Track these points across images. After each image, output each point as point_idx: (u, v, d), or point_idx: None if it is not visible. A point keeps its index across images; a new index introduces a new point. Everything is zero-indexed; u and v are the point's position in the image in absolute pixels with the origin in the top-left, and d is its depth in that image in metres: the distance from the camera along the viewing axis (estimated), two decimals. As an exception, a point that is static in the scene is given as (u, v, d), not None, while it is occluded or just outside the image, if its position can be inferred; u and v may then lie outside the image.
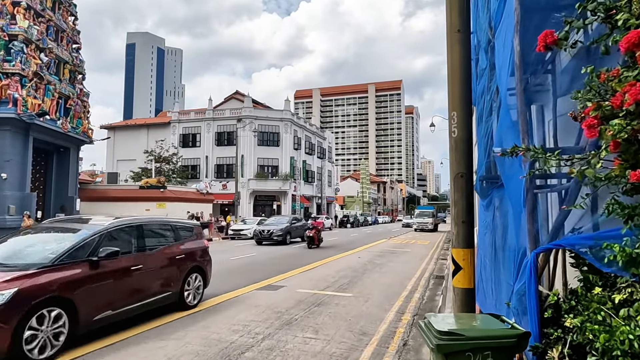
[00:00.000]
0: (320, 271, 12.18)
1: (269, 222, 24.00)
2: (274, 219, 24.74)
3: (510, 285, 3.36)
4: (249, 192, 41.99)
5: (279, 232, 21.59)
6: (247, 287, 9.45)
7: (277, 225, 22.36)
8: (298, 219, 24.88)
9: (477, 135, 6.67)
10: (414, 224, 39.84)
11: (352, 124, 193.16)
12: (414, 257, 16.51)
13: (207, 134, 43.90)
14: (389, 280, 10.86)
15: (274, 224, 22.92)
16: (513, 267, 3.26)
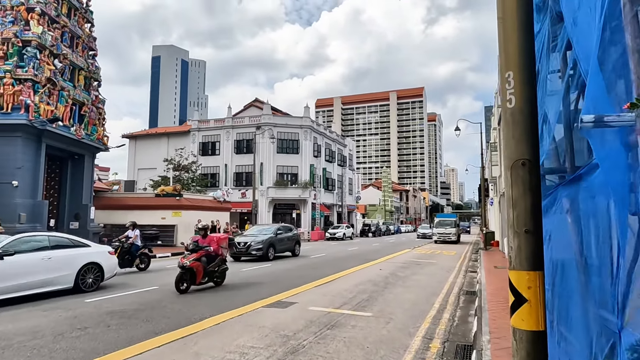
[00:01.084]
0: (337, 285, 11.11)
1: (249, 232, 20.23)
2: (257, 228, 20.66)
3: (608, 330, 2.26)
4: (268, 200, 41.27)
5: (257, 246, 17.39)
6: (253, 303, 8.47)
7: (256, 237, 18.22)
8: (287, 229, 20.51)
9: None
10: (434, 235, 34.54)
11: (374, 131, 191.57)
12: (441, 270, 15.22)
13: (227, 142, 43.56)
14: (414, 296, 9.69)
15: (253, 234, 18.90)
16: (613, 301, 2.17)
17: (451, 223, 34.91)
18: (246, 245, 17.43)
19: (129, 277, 12.36)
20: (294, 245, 19.82)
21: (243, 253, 17.40)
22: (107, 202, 25.28)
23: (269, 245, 17.73)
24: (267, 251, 17.44)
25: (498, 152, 24.26)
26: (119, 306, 8.03)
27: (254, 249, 17.29)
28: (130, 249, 13.30)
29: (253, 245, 17.37)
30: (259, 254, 17.25)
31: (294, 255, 19.61)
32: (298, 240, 20.19)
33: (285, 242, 19.30)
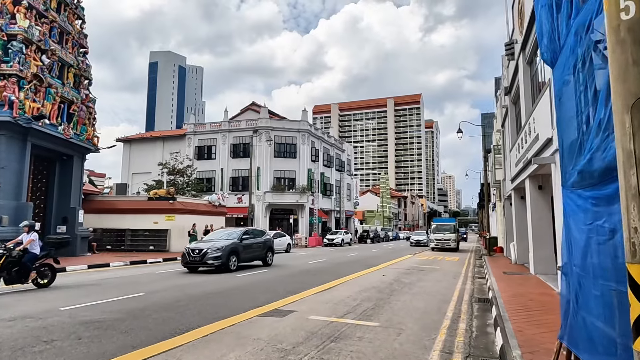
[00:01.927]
0: (339, 291, 10.28)
1: (209, 236, 16.96)
2: (218, 232, 17.31)
3: None
4: (265, 205, 40.41)
5: (215, 253, 14.25)
6: (248, 311, 7.63)
7: (216, 242, 15.02)
8: (256, 233, 17.29)
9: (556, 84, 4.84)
10: (431, 242, 31.03)
11: (371, 138, 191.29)
12: (446, 276, 14.41)
13: (223, 145, 42.76)
14: (423, 304, 8.87)
15: (213, 239, 15.73)
16: None
17: (450, 228, 31.39)
18: (201, 253, 14.28)
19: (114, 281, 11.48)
20: (265, 253, 16.87)
21: (197, 263, 14.31)
22: (97, 206, 24.38)
23: (230, 253, 14.61)
24: (227, 260, 14.39)
25: (502, 155, 23.57)
26: (99, 315, 7.18)
27: (210, 258, 14.16)
28: (21, 258, 9.96)
29: (210, 252, 14.22)
30: (217, 264, 14.18)
31: (266, 264, 16.84)
32: (271, 247, 17.45)
33: (254, 249, 16.23)
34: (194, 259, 14.36)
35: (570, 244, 4.46)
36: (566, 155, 4.50)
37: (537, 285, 10.89)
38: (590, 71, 3.51)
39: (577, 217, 4.00)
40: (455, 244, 29.89)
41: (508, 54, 16.99)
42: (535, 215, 13.51)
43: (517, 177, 16.51)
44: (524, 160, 14.03)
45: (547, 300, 8.60)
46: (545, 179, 13.55)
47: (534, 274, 13.24)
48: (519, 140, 15.32)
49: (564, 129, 4.64)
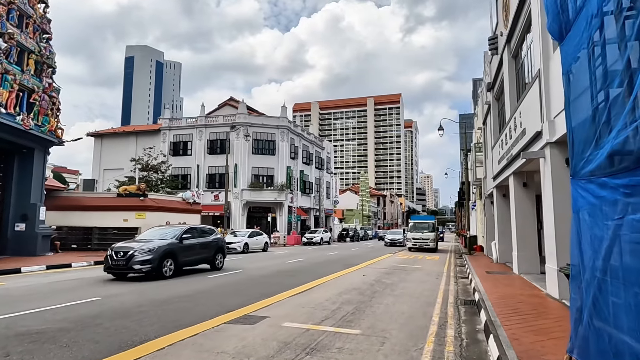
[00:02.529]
0: (317, 294, 9.58)
1: (142, 236, 13.88)
2: (154, 231, 13.96)
3: None
4: (242, 203, 39.38)
5: (144, 256, 11.61)
6: (215, 318, 6.85)
7: (148, 242, 12.29)
8: (201, 232, 14.49)
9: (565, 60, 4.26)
10: (408, 241, 28.81)
11: (351, 137, 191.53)
12: (429, 276, 13.90)
13: (199, 141, 41.48)
14: (407, 307, 8.26)
15: (145, 239, 12.91)
16: None
17: (429, 226, 28.76)
18: (126, 255, 11.57)
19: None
20: (213, 255, 14.41)
21: (121, 268, 11.61)
22: (62, 203, 22.98)
23: (164, 256, 11.99)
24: (159, 264, 11.79)
25: (483, 153, 23.34)
26: (40, 324, 6.27)
27: (137, 262, 11.48)
28: None
29: (138, 255, 11.56)
30: (146, 269, 11.61)
31: (215, 268, 14.45)
32: (221, 248, 14.97)
33: (197, 251, 13.68)
34: (117, 264, 11.59)
35: (581, 243, 3.88)
36: (578, 139, 3.90)
37: (523, 285, 10.45)
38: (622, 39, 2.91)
39: (596, 211, 3.39)
40: (434, 244, 27.63)
41: (491, 48, 16.62)
42: (520, 213, 13.12)
43: (499, 175, 16.16)
44: (508, 157, 13.64)
45: (538, 302, 8.11)
46: (530, 175, 13.18)
47: (518, 273, 12.86)
48: (503, 136, 14.95)
49: (575, 109, 4.06)
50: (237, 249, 23.34)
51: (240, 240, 23.78)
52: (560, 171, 8.60)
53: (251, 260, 18.72)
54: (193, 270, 13.79)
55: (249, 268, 15.20)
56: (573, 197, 3.95)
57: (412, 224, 29.59)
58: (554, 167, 8.66)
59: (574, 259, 3.95)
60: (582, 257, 3.73)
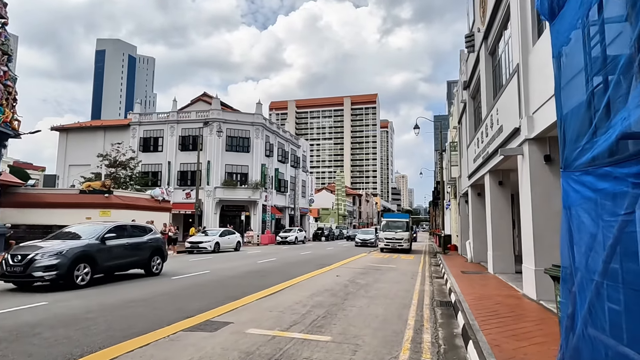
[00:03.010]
0: (288, 296, 9.05)
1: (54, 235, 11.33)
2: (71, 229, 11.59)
3: None
4: (215, 201, 38.38)
5: (48, 261, 9.34)
6: (172, 325, 6.23)
7: (57, 244, 9.97)
8: (133, 231, 12.24)
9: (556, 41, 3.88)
10: (380, 241, 26.12)
11: (328, 136, 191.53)
12: (404, 276, 13.58)
13: (171, 137, 40.19)
14: (382, 309, 7.84)
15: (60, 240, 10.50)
16: None
17: (403, 225, 26.40)
18: (25, 260, 9.26)
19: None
20: (148, 258, 12.27)
21: (18, 275, 9.24)
22: (20, 199, 21.62)
23: (77, 260, 9.74)
24: (70, 270, 9.50)
25: (458, 152, 23.31)
26: (-31, 334, 5.51)
27: (39, 267, 9.20)
28: None
29: (40, 259, 9.29)
30: (51, 277, 9.28)
31: (151, 273, 12.37)
32: (158, 249, 12.83)
33: (126, 253, 11.49)
34: (12, 270, 9.23)
35: (573, 242, 3.51)
36: (571, 127, 3.52)
37: (499, 286, 10.22)
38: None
39: (594, 207, 3.01)
40: (408, 245, 25.39)
41: (468, 46, 16.48)
42: (495, 212, 12.96)
43: (475, 173, 16.03)
44: (484, 155, 13.47)
45: (516, 303, 7.83)
46: (506, 174, 13.04)
47: (493, 273, 12.69)
48: (479, 134, 14.80)
49: (568, 94, 3.68)
50: (207, 249, 22.52)
51: (211, 240, 22.96)
52: (539, 168, 8.36)
53: (221, 260, 18.01)
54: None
55: (218, 268, 14.51)
56: (564, 192, 3.57)
57: (385, 223, 27.04)
58: (533, 164, 8.42)
59: (565, 261, 3.57)
60: (574, 258, 3.35)
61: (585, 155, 3.18)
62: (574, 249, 3.41)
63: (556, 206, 8.44)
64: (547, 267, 4.49)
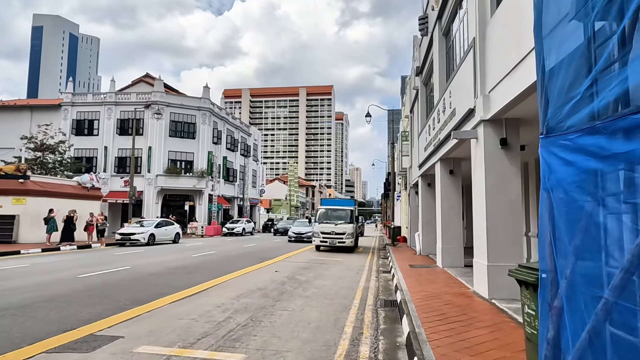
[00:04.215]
0: (210, 298, 7.72)
1: None
2: None
3: None
4: (157, 190, 35.89)
5: None
6: (43, 341, 4.76)
7: None
8: None
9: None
10: (315, 236, 19.43)
11: (282, 126, 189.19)
12: (349, 270, 12.62)
13: (108, 120, 37.01)
14: (317, 313, 6.72)
15: None
16: None
17: (346, 215, 19.70)
18: None
19: None
20: None
21: None
22: None
23: None
24: None
25: (410, 142, 22.75)
26: None
27: None
28: None
29: None
30: None
31: None
32: None
33: None
34: None
35: (556, 239, 2.50)
36: (562, 78, 2.48)
37: (448, 281, 9.43)
38: None
39: (601, 184, 1.97)
40: (351, 241, 18.97)
41: (422, 29, 15.70)
42: (446, 203, 12.25)
43: (425, 162, 15.34)
44: (435, 143, 12.71)
45: (466, 303, 6.98)
46: (457, 163, 12.36)
47: (442, 267, 12.00)
48: (430, 121, 14.05)
49: (556, 40, 2.63)
50: (140, 241, 20.55)
51: (145, 231, 20.97)
52: (495, 153, 7.54)
53: (151, 254, 16.26)
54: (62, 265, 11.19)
55: (141, 264, 12.84)
56: (545, 168, 2.53)
57: (322, 212, 20.20)
58: (488, 148, 7.58)
59: (544, 262, 2.54)
60: (562, 261, 2.32)
61: (585, 108, 2.13)
62: (560, 247, 2.38)
63: (512, 195, 7.68)
64: (513, 269, 3.49)
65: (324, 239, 19.10)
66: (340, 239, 18.91)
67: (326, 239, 19.05)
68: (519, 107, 6.82)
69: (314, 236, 19.66)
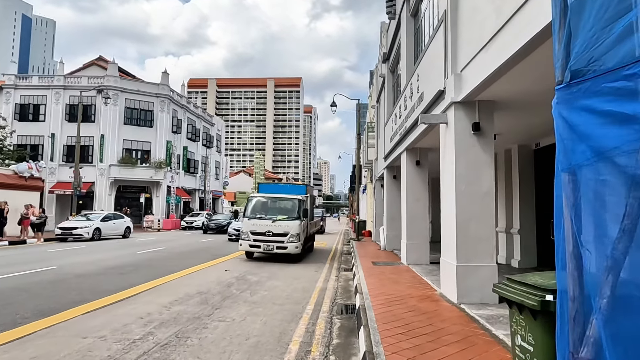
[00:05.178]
0: (135, 305, 6.52)
1: None
2: None
3: None
4: (110, 180, 33.65)
5: None
6: None
7: None
8: None
9: None
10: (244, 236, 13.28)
11: (250, 118, 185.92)
12: (307, 269, 11.64)
13: (56, 105, 34.28)
14: (260, 324, 5.67)
15: None
16: None
17: (292, 208, 13.64)
18: None
19: None
20: None
21: None
22: None
23: None
24: None
25: (376, 133, 21.97)
26: None
27: None
28: None
29: None
30: None
31: None
32: None
33: None
34: None
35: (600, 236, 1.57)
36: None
37: (414, 282, 8.60)
38: None
39: None
40: (297, 246, 12.92)
41: (389, 11, 14.83)
42: (411, 195, 11.45)
43: (391, 153, 14.54)
44: (401, 132, 11.87)
45: (433, 310, 6.12)
46: (424, 153, 11.57)
47: (406, 264, 11.22)
48: (396, 109, 13.22)
49: None
50: (84, 236, 18.78)
51: (89, 225, 19.19)
52: (466, 139, 6.70)
53: (92, 251, 14.70)
54: None
55: (72, 263, 11.35)
56: (570, 133, 1.57)
57: (256, 202, 13.96)
58: (459, 133, 6.73)
59: (563, 279, 1.60)
60: (599, 276, 1.38)
61: None
62: (591, 255, 1.44)
63: (485, 186, 6.88)
64: (500, 284, 2.55)
65: (255, 242, 12.90)
66: (279, 242, 12.75)
67: (258, 242, 12.86)
68: (495, 87, 5.99)
69: (242, 238, 13.19)
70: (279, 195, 14.37)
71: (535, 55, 4.72)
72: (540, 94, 6.44)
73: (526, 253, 10.81)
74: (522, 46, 4.50)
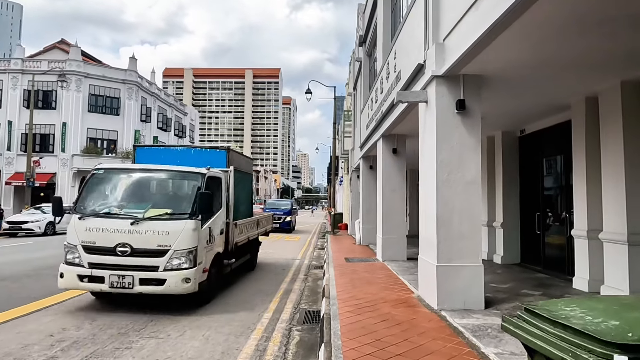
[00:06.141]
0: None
1: None
2: None
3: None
4: (73, 172, 31.77)
5: None
6: None
7: None
8: None
9: None
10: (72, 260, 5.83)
11: (227, 109, 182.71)
12: (275, 266, 10.62)
13: (13, 91, 32.01)
14: (201, 341, 4.63)
15: None
16: None
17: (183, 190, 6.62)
18: None
19: None
20: None
21: None
22: None
23: None
24: None
25: (352, 122, 21.02)
26: None
27: None
28: None
29: None
30: None
31: None
32: None
33: None
34: None
35: None
36: None
37: (388, 281, 7.69)
38: None
39: None
40: (189, 277, 5.70)
41: (366, -11, 13.79)
42: (388, 186, 10.55)
43: (367, 141, 13.61)
44: (377, 117, 10.93)
45: (410, 318, 5.19)
46: (402, 140, 10.67)
47: (382, 260, 10.34)
48: (373, 93, 12.27)
49: None
50: (35, 230, 17.25)
51: (41, 219, 17.65)
52: (449, 119, 5.76)
53: (35, 248, 13.31)
54: None
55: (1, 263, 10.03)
56: None
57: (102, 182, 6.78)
58: (441, 113, 5.79)
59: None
60: None
61: None
62: None
63: (471, 174, 5.94)
64: (514, 319, 1.55)
65: (93, 270, 5.80)
66: (147, 270, 5.77)
67: (100, 268, 5.79)
68: (483, 56, 5.05)
69: (66, 260, 5.98)
70: (160, 167, 7.02)
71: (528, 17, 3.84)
72: (531, 67, 5.56)
73: (509, 248, 10.06)
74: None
